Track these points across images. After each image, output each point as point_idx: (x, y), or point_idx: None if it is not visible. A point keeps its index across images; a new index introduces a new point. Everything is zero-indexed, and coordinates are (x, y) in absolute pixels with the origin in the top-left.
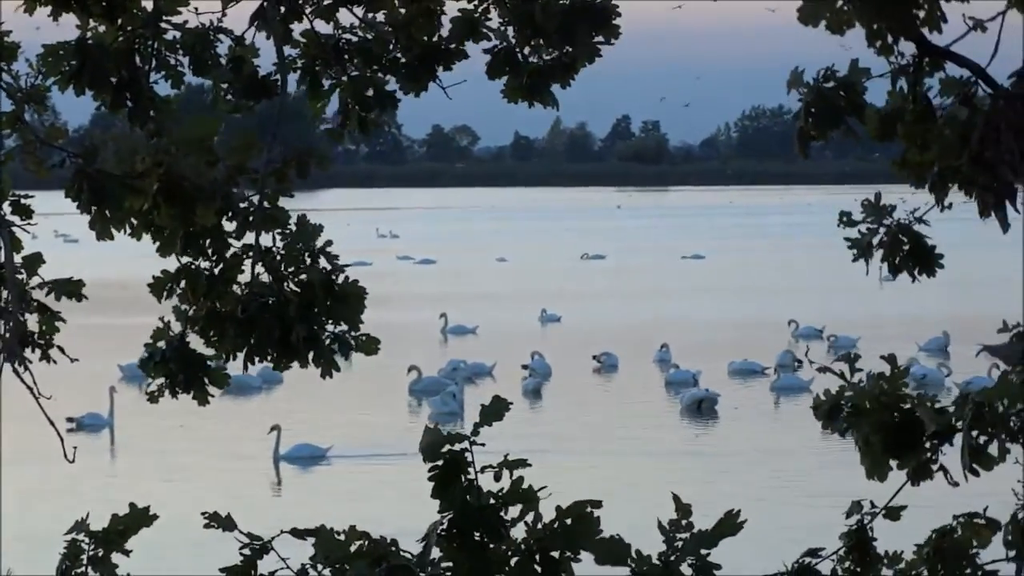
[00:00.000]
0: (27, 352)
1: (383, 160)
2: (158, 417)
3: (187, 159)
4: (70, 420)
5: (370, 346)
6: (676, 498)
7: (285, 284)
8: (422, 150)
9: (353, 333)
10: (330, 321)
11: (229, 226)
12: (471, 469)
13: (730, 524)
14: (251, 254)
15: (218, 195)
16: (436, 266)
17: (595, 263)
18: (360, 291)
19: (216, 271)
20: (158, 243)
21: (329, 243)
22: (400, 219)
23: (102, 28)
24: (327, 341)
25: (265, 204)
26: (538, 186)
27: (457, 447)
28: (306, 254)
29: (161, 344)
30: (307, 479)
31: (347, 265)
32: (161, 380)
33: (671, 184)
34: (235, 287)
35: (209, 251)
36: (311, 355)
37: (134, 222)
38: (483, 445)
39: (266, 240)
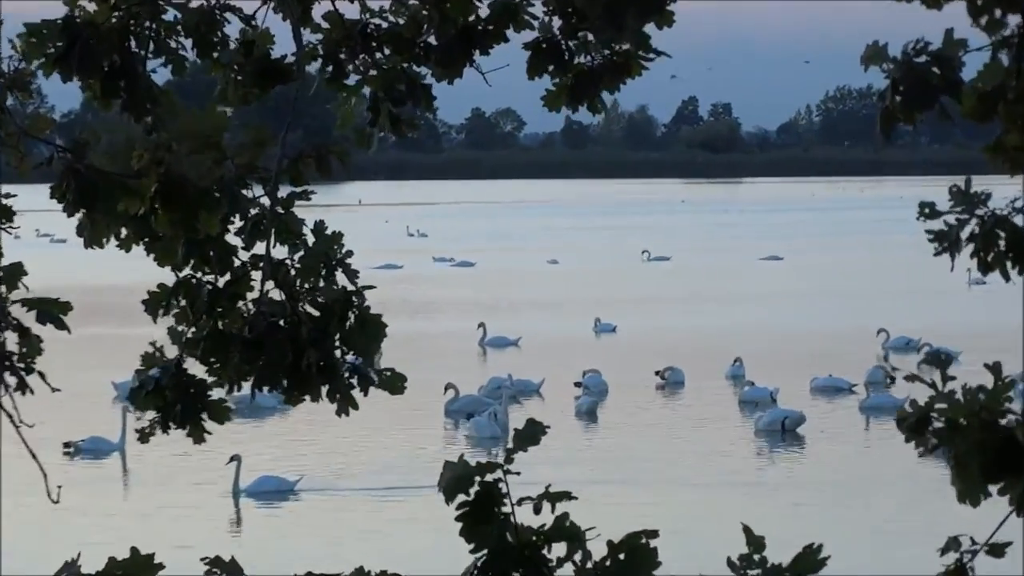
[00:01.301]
0: (5, 376)
1: (416, 148)
2: (165, 441)
3: (190, 157)
4: (67, 445)
5: (395, 383)
6: (747, 530)
7: (300, 303)
8: (460, 136)
9: (373, 366)
10: (346, 349)
11: (236, 235)
12: (507, 501)
13: (811, 560)
14: (261, 266)
15: (225, 198)
16: (475, 269)
17: (658, 265)
18: (379, 319)
19: (220, 285)
20: (153, 254)
21: (349, 254)
22: (435, 215)
23: (93, 6)
24: (345, 373)
25: (278, 209)
26: (593, 177)
27: (489, 478)
28: (323, 268)
29: (154, 371)
30: (308, 513)
31: (375, 268)
32: (153, 413)
33: (744, 175)
34: (241, 304)
35: (213, 262)
36: (325, 388)
37: (125, 230)
38: (518, 474)
39: (278, 251)
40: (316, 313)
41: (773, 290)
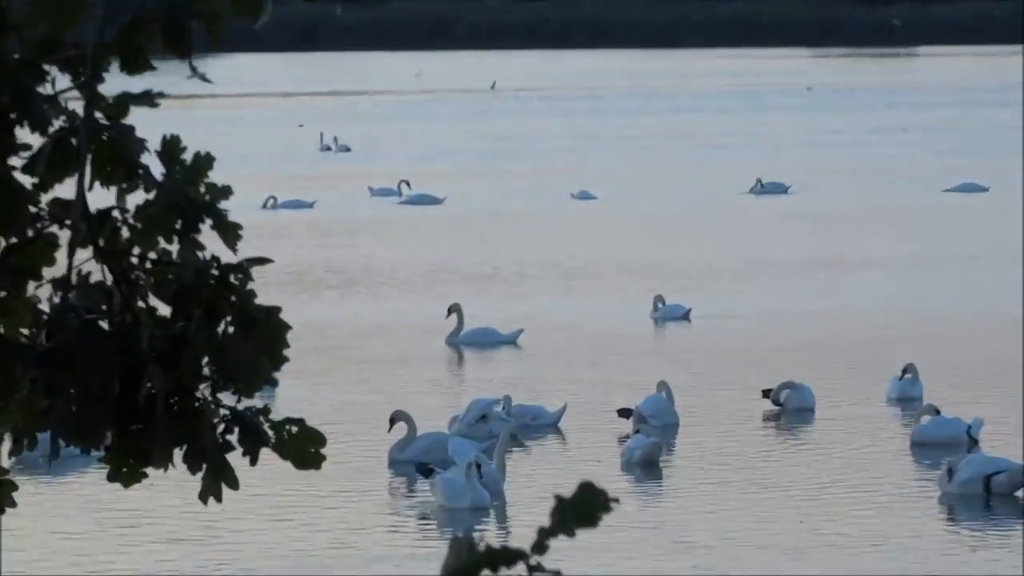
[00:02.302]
0: None
1: None
2: None
3: None
4: None
5: (304, 450)
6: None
7: (137, 288)
8: None
9: (270, 416)
10: (219, 375)
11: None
12: None
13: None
14: (68, 223)
15: (5, 97)
16: (442, 209)
17: (768, 201)
18: (278, 319)
19: None
20: None
21: (225, 194)
22: (371, 115)
23: None
24: (219, 424)
25: (99, 118)
26: (642, 47)
27: (505, 573)
28: (178, 224)
29: None
30: None
31: (272, 209)
32: None
33: (913, 44)
34: (34, 290)
35: None
36: (180, 451)
37: None
38: (557, 575)
39: (102, 197)
40: (165, 307)
41: (966, 249)
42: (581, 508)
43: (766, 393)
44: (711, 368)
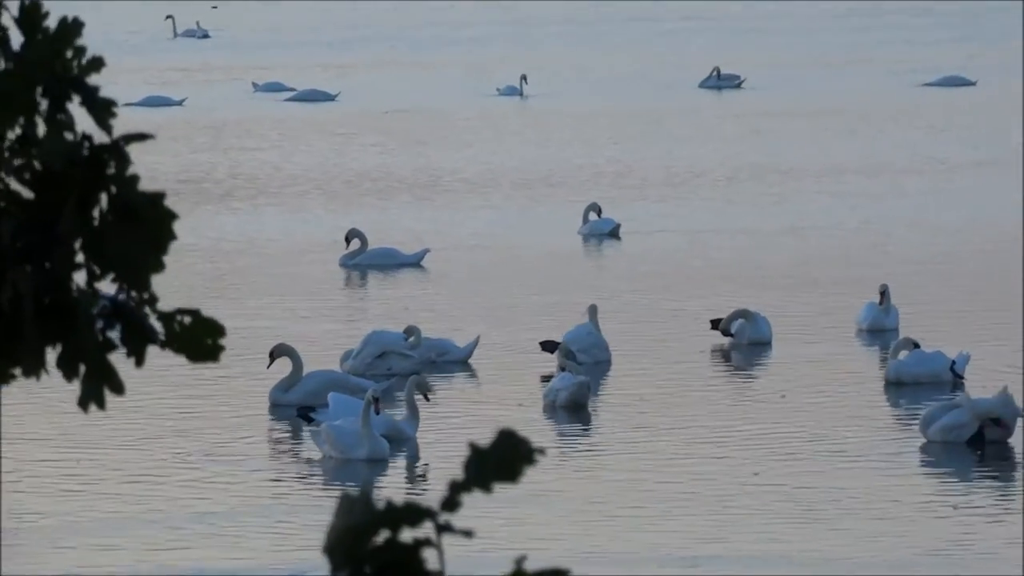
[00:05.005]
0: None
1: None
2: None
3: None
4: None
5: (198, 340)
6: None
7: None
8: None
9: (158, 306)
10: (97, 267)
11: None
12: None
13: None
14: None
15: None
16: (334, 107)
17: (721, 96)
18: (162, 205)
19: None
20: None
21: (96, 67)
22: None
23: None
24: (99, 320)
25: None
26: None
27: (409, 537)
28: (42, 96)
29: None
30: None
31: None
32: None
33: None
34: None
35: None
36: (55, 351)
37: None
38: (467, 535)
39: None
40: (29, 193)
41: (944, 153)
42: (500, 460)
43: (715, 323)
44: (649, 294)
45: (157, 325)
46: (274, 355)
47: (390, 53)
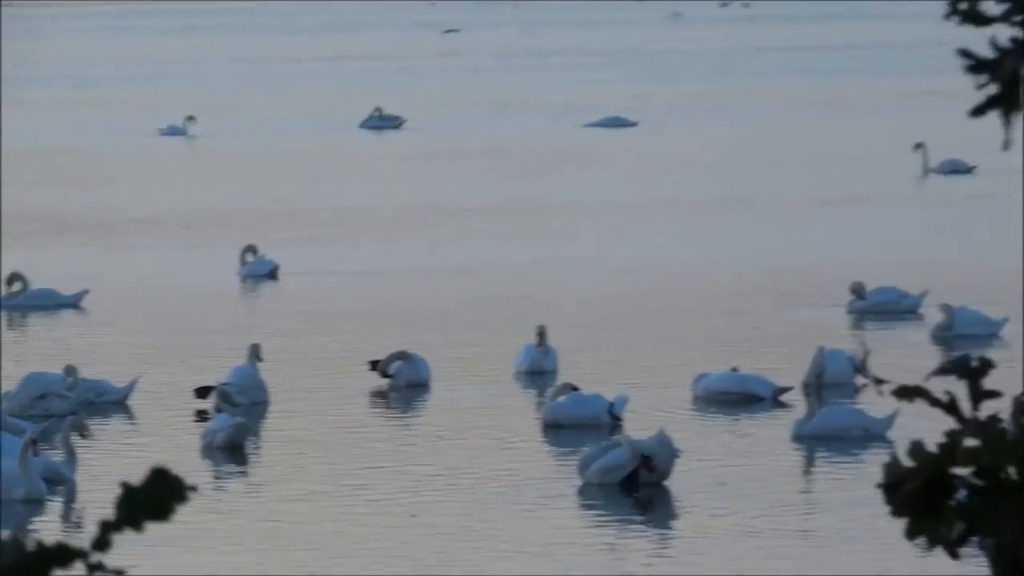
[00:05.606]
0: None
1: None
2: None
3: None
4: None
5: None
6: None
7: None
8: None
9: None
10: None
11: None
12: None
13: None
14: None
15: None
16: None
17: (383, 137)
18: None
19: None
20: None
21: None
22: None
23: None
24: None
25: None
26: None
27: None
28: None
29: None
30: None
31: None
32: None
33: None
34: None
35: None
36: None
37: None
38: (120, 575)
39: None
40: None
41: (607, 195)
42: (151, 498)
43: (374, 365)
44: (308, 336)
45: None
46: None
47: (56, 91)
